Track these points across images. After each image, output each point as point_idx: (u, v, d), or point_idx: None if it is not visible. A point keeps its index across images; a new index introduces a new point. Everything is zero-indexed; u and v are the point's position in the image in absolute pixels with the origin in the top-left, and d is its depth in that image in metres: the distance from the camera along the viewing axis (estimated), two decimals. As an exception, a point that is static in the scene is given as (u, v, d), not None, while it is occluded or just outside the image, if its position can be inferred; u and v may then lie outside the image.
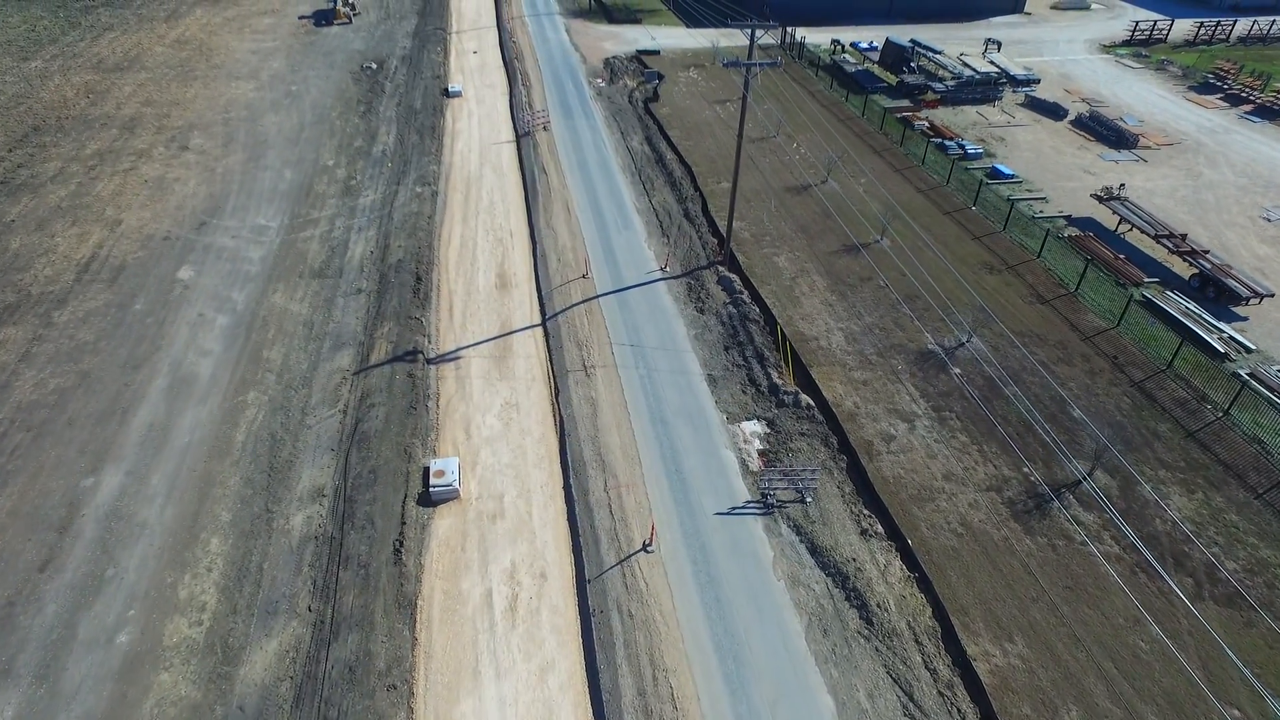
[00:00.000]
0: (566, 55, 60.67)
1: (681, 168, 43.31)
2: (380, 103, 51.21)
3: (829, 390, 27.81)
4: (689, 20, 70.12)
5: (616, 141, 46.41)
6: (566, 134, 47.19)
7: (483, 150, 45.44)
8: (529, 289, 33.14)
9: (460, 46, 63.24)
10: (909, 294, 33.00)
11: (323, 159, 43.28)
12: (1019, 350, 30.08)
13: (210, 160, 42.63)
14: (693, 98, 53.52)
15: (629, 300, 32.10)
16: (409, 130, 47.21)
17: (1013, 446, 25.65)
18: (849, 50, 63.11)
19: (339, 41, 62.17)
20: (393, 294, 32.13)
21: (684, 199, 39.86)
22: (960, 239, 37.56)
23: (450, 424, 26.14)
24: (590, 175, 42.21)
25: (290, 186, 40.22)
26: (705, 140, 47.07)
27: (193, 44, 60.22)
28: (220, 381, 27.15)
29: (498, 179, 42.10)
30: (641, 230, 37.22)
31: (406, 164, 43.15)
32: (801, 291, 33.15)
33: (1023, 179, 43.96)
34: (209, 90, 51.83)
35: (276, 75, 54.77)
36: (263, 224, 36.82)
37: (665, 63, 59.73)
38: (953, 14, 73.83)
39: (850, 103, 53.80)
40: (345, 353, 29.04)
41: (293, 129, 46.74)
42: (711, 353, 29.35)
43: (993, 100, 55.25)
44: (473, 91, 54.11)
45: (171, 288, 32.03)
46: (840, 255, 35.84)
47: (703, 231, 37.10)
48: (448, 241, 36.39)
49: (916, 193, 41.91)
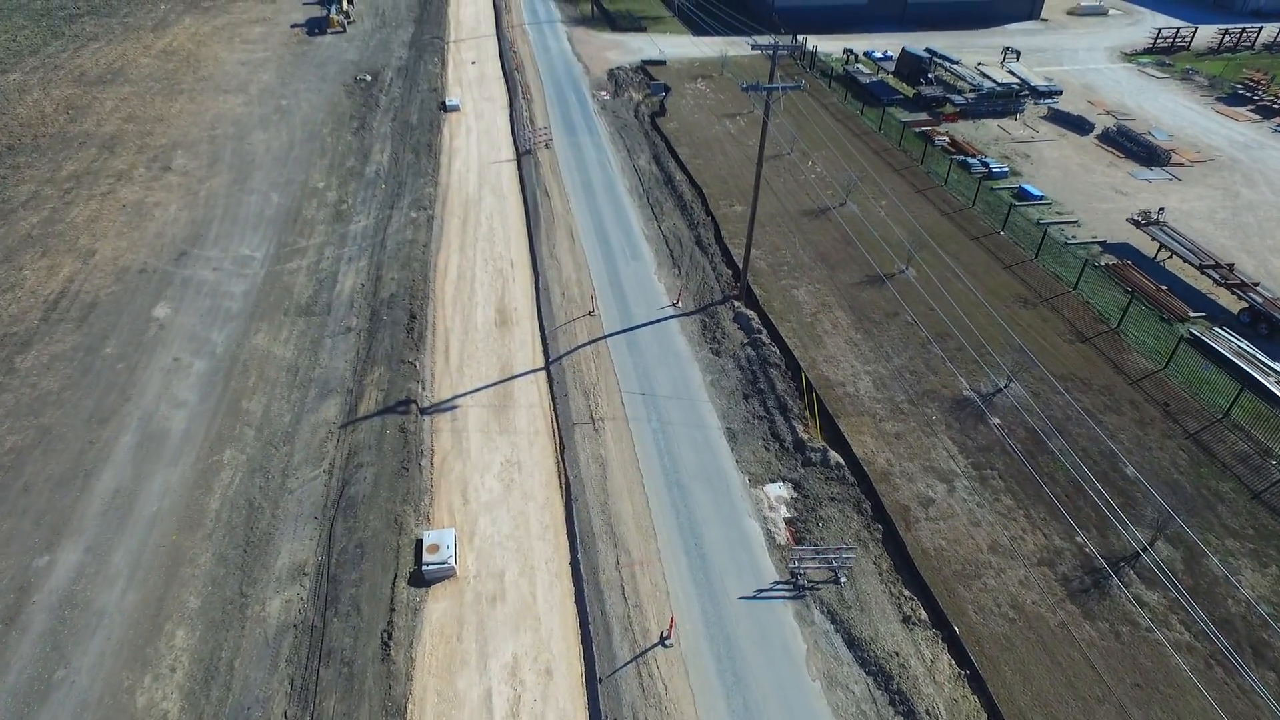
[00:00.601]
0: (569, 66, 58.33)
1: (692, 189, 40.97)
2: (374, 118, 48.88)
3: (859, 445, 25.50)
4: (695, 28, 67.80)
5: (622, 160, 44.07)
6: (570, 152, 44.85)
7: (482, 170, 43.11)
8: (531, 327, 30.82)
9: (458, 56, 60.90)
10: (939, 332, 30.68)
11: (312, 180, 40.94)
12: (1062, 396, 27.77)
13: (193, 182, 40.30)
14: (701, 111, 51.19)
15: (639, 341, 29.77)
16: (404, 148, 44.88)
17: (1063, 511, 23.34)
18: (862, 60, 60.78)
19: (332, 51, 59.83)
20: (384, 333, 29.82)
21: (695, 224, 37.52)
22: (990, 268, 35.23)
23: (446, 486, 23.82)
24: (595, 198, 39.88)
25: (277, 212, 37.89)
26: (716, 158, 44.75)
27: (180, 55, 57.88)
28: (194, 438, 24.83)
29: (497, 202, 39.77)
30: (651, 260, 34.89)
31: (401, 185, 40.82)
32: (824, 329, 30.83)
33: (1052, 200, 41.63)
34: (195, 105, 49.49)
35: (266, 88, 52.43)
36: (247, 254, 34.49)
37: (671, 73, 57.40)
38: (967, 21, 71.48)
39: (866, 116, 51.47)
40: (332, 402, 26.72)
41: (282, 147, 44.40)
42: (730, 402, 27.02)
43: (1014, 113, 52.91)
44: (471, 105, 51.77)
45: (146, 327, 29.70)
46: (864, 287, 33.52)
47: (716, 261, 34.77)
48: (444, 273, 34.08)
49: (941, 216, 39.58)
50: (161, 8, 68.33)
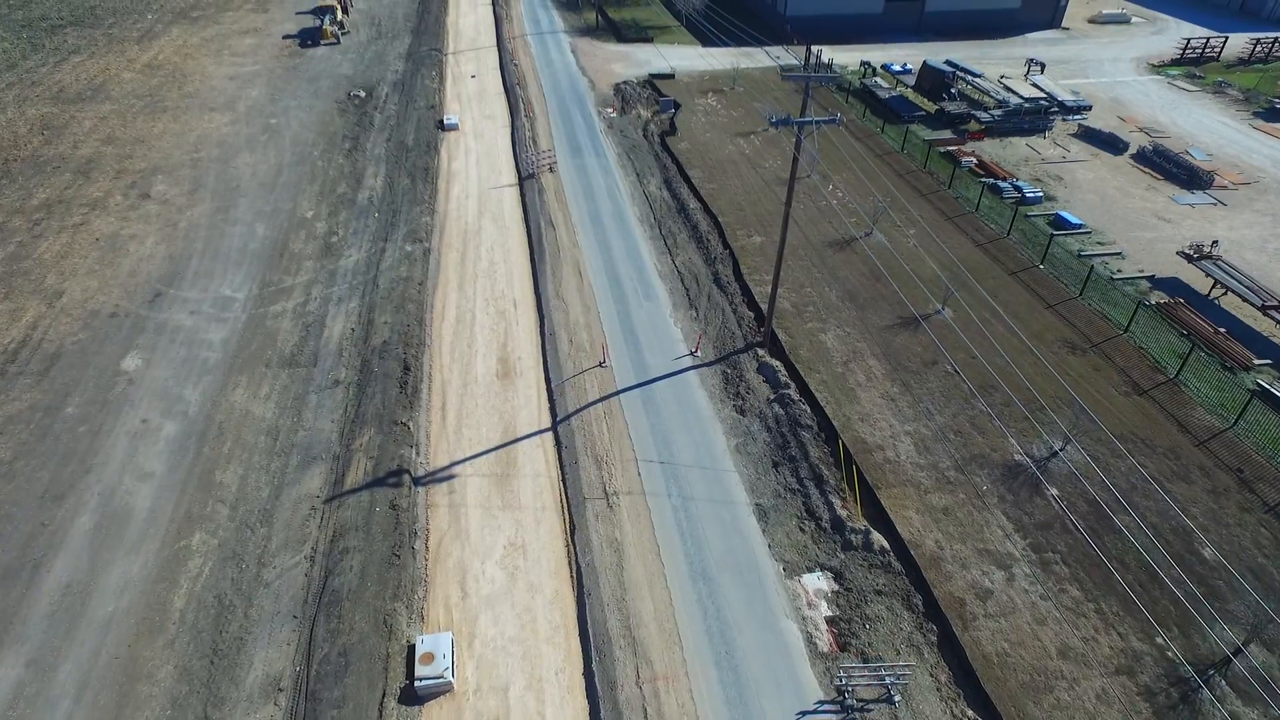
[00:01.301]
0: (573, 80, 55.64)
1: (707, 218, 38.29)
2: (368, 138, 46.21)
3: (904, 523, 22.81)
4: (703, 39, 65.12)
5: (632, 185, 41.38)
6: (575, 176, 42.17)
7: (482, 196, 40.43)
8: (536, 378, 28.14)
9: (457, 70, 58.23)
10: (983, 383, 28.01)
11: (301, 209, 38.26)
12: (1123, 460, 25.09)
13: (173, 212, 37.62)
14: (713, 129, 48.51)
15: (656, 397, 27.08)
16: (399, 172, 42.20)
17: (1138, 604, 20.66)
18: (880, 73, 58.10)
19: (325, 65, 57.16)
20: (376, 387, 27.15)
21: (712, 259, 34.84)
22: (1032, 308, 32.54)
23: (442, 575, 21.15)
24: (604, 229, 37.20)
25: (262, 245, 35.22)
26: (731, 182, 42.06)
27: (165, 69, 55.21)
28: (160, 518, 22.14)
29: (499, 233, 37.10)
30: (666, 301, 32.21)
31: (396, 214, 38.14)
32: (857, 381, 28.14)
33: (1091, 229, 38.93)
34: (179, 124, 46.82)
35: (255, 106, 49.75)
36: (228, 295, 31.82)
37: (680, 87, 54.73)
38: (986, 30, 68.80)
39: (887, 134, 48.78)
40: (316, 471, 24.04)
41: (269, 171, 41.72)
42: (758, 471, 24.32)
43: (1043, 131, 50.22)
44: (471, 123, 49.11)
45: (113, 383, 27.03)
46: (897, 330, 30.83)
47: (736, 302, 32.08)
48: (441, 315, 31.41)
49: (974, 247, 36.90)
50: (149, 18, 65.69)
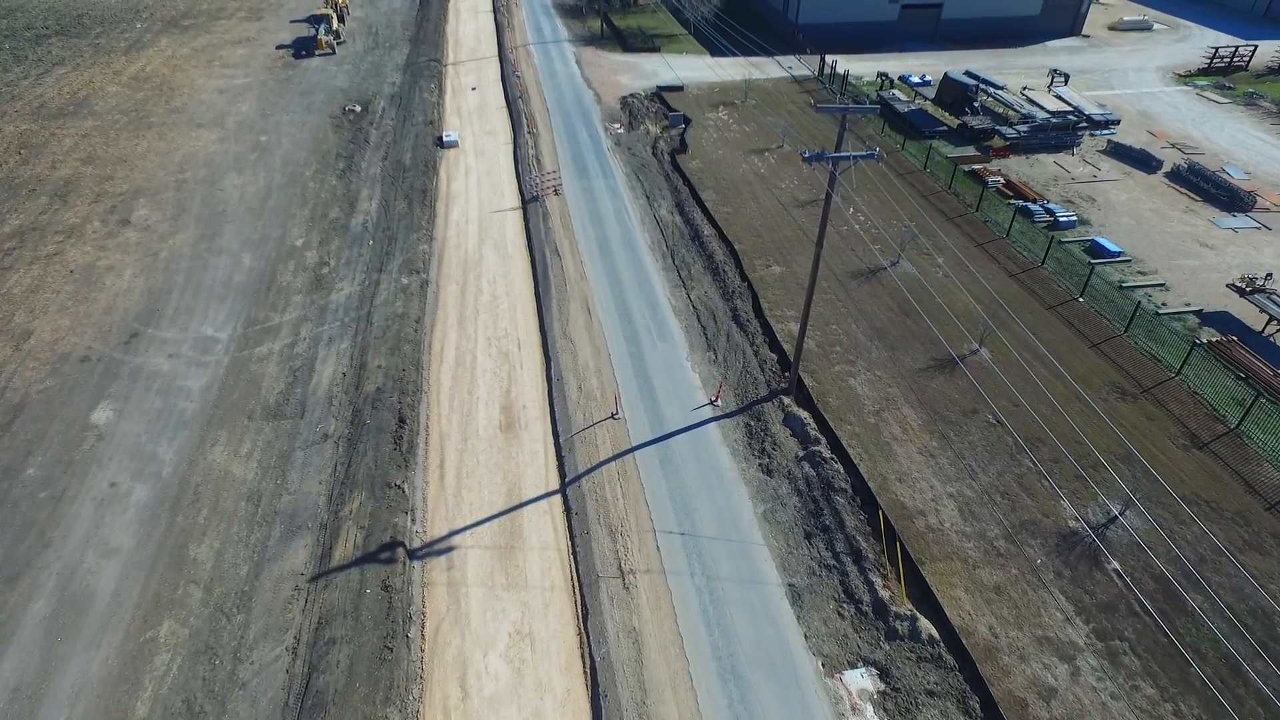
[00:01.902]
0: (578, 93, 53.35)
1: (723, 246, 35.99)
2: (363, 157, 43.92)
3: (953, 606, 20.53)
4: (711, 48, 62.83)
5: (642, 209, 39.09)
6: (582, 199, 39.88)
7: (483, 221, 38.14)
8: (543, 431, 25.85)
9: (457, 82, 55.94)
10: (1030, 435, 25.72)
11: (290, 237, 35.98)
12: (1188, 527, 22.80)
13: (154, 240, 35.34)
14: (725, 146, 46.22)
15: (674, 454, 24.79)
16: (396, 194, 39.92)
17: (1221, 702, 18.38)
18: (898, 85, 55.80)
19: (320, 77, 54.87)
20: (368, 442, 24.86)
21: (730, 292, 32.54)
22: (1074, 347, 30.24)
23: (440, 671, 18.87)
24: (613, 258, 34.90)
25: (248, 278, 32.94)
26: (746, 204, 39.76)
27: (153, 82, 52.92)
28: (125, 604, 19.87)
29: (501, 262, 34.81)
30: (682, 340, 29.91)
31: (391, 242, 35.86)
32: (892, 434, 25.84)
33: (1130, 256, 36.63)
34: (164, 142, 44.54)
35: (245, 122, 47.47)
36: (210, 335, 29.54)
37: (690, 100, 52.45)
38: (1005, 38, 66.50)
39: (908, 151, 46.47)
40: (301, 544, 21.77)
41: (258, 194, 39.44)
42: (789, 543, 22.03)
43: (1070, 147, 47.91)
44: (471, 140, 46.82)
45: (81, 438, 24.75)
46: (932, 373, 28.54)
47: (758, 342, 29.79)
48: (439, 357, 29.13)
49: (1008, 277, 34.61)
50: (138, 27, 63.41)
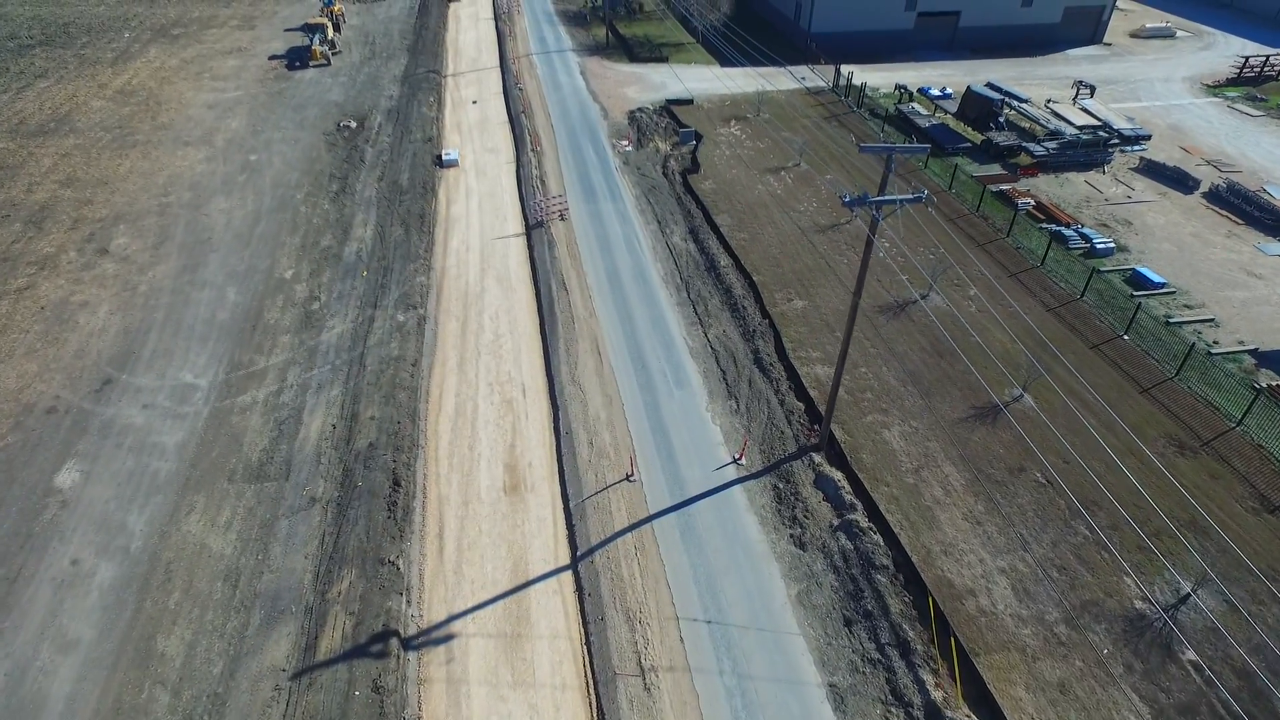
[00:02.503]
0: (584, 107, 51.06)
1: (741, 278, 33.71)
2: (358, 177, 41.65)
3: (1014, 709, 18.25)
4: (721, 58, 60.54)
5: (654, 236, 36.80)
6: (590, 225, 37.60)
7: (485, 249, 35.87)
8: (551, 493, 23.59)
9: (457, 95, 53.66)
10: (1085, 498, 23.45)
11: (279, 268, 33.71)
12: (1268, 609, 20.54)
13: (133, 272, 33.09)
14: (739, 164, 43.95)
15: (696, 524, 22.52)
16: (392, 219, 37.65)
17: (1327, 832, 16.11)
18: (917, 98, 53.51)
19: (314, 90, 52.60)
20: (359, 508, 22.62)
21: (751, 331, 30.26)
22: (1123, 392, 27.97)
23: (437, 792, 16.62)
24: (625, 292, 32.62)
25: (233, 315, 30.68)
26: (763, 229, 37.49)
27: (139, 95, 50.66)
28: (80, 713, 17.59)
29: (504, 296, 32.54)
30: (700, 388, 27.62)
31: (387, 273, 33.60)
32: (933, 496, 23.58)
33: (1174, 288, 34.35)
34: (148, 162, 42.27)
35: (234, 139, 45.20)
36: (189, 382, 27.28)
37: (701, 115, 50.18)
38: (1024, 47, 64.19)
39: (930, 169, 44.20)
40: (283, 632, 19.50)
41: (245, 220, 37.17)
42: (828, 633, 19.76)
43: (1101, 165, 45.63)
44: (472, 158, 44.56)
45: (43, 505, 22.50)
46: (972, 424, 26.27)
47: (783, 389, 27.51)
48: (438, 405, 26.87)
49: (1046, 312, 32.34)
50: (125, 37, 61.14)
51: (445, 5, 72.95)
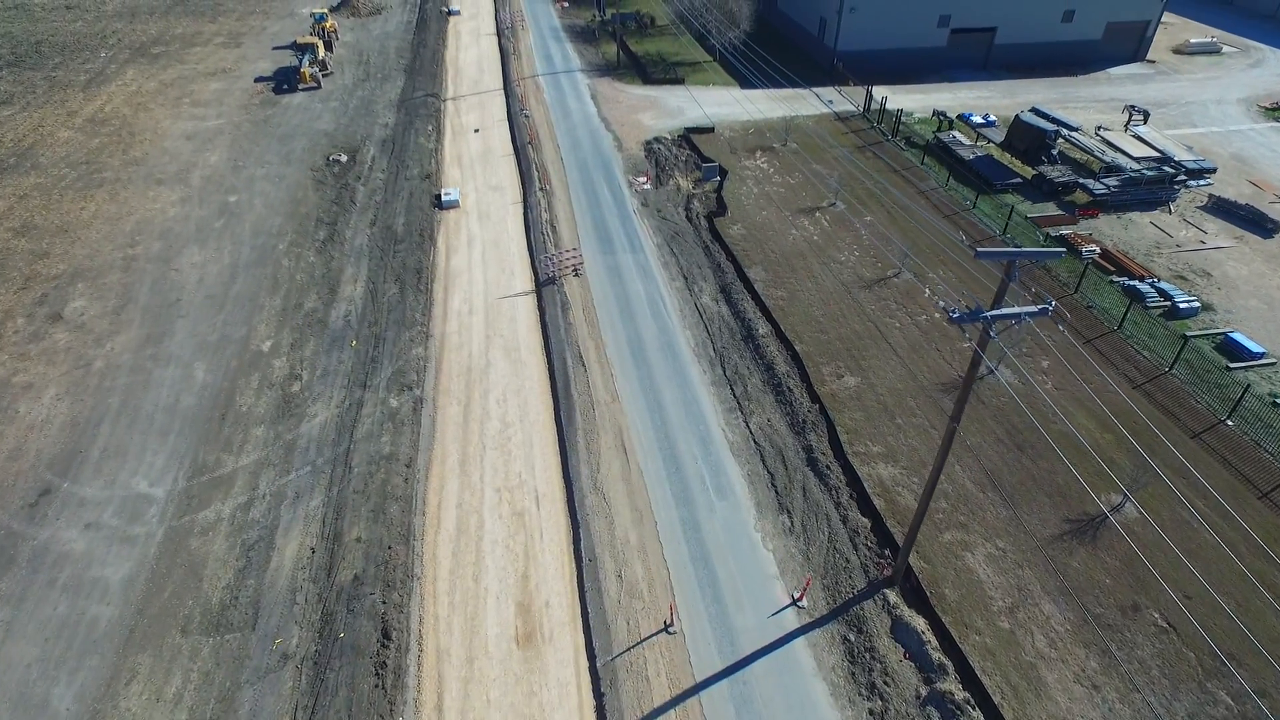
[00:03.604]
0: (596, 137, 46.92)
1: (782, 349, 29.57)
2: (348, 222, 37.52)
3: None
4: (741, 79, 56.37)
5: (680, 295, 32.66)
6: (607, 281, 33.45)
7: (490, 310, 31.74)
8: (573, 648, 19.45)
9: (457, 121, 49.52)
10: (1221, 647, 19.34)
11: (256, 337, 29.59)
12: None
13: (88, 344, 28.96)
14: (768, 204, 39.82)
15: (754, 694, 18.36)
16: (385, 274, 33.52)
17: None
18: (958, 125, 49.36)
19: (302, 117, 48.46)
20: (340, 671, 18.49)
21: (799, 420, 26.10)
22: (1238, 496, 23.84)
23: None
24: (651, 369, 28.46)
25: (199, 400, 26.55)
26: (802, 284, 33.38)
27: (112, 124, 46.53)
28: None
29: (513, 372, 28.41)
30: (745, 497, 23.47)
31: (379, 342, 29.48)
32: (1035, 649, 19.46)
33: (1274, 357, 30.22)
34: (115, 204, 38.14)
35: (212, 177, 41.06)
36: (143, 492, 23.15)
37: (723, 144, 46.07)
38: (1063, 65, 60.04)
39: (980, 210, 40.05)
40: None
41: (220, 276, 33.05)
42: None
43: (1166, 202, 41.50)
44: (474, 198, 40.42)
45: (-48, 671, 18.37)
46: (1069, 542, 22.16)
47: (842, 498, 23.37)
48: (436, 521, 22.74)
49: (1132, 389, 28.23)
50: (102, 56, 56.98)
51: (445, 20, 68.84)
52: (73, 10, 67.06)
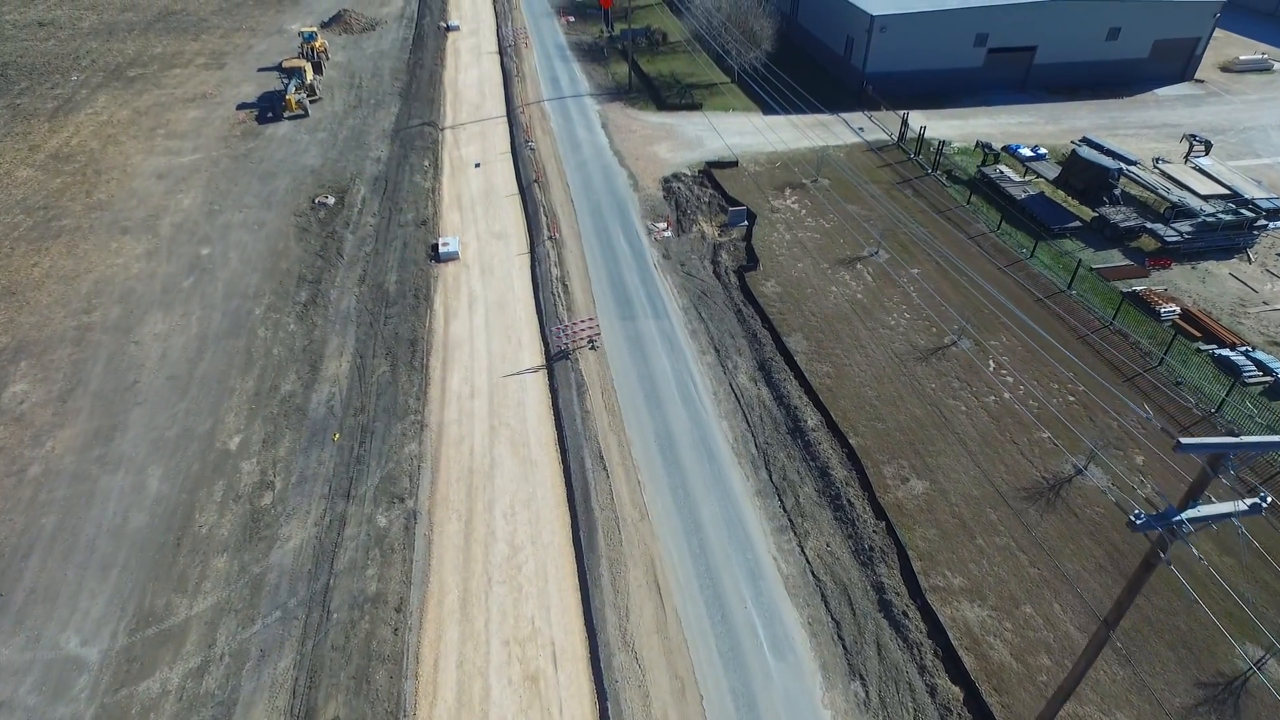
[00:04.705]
0: (609, 174, 42.76)
1: (836, 445, 25.40)
2: (334, 279, 33.40)
3: None
4: (762, 103, 52.18)
5: (714, 374, 28.50)
6: (629, 355, 29.31)
7: (494, 392, 27.61)
8: None
9: (457, 154, 45.39)
10: None
11: (223, 432, 25.46)
12: None
13: (25, 442, 24.83)
14: (803, 253, 35.70)
15: None
16: (374, 345, 29.40)
17: None
18: (1004, 158, 45.20)
19: (286, 151, 44.31)
20: None
21: (863, 545, 21.96)
22: (1401, 645, 19.71)
23: None
24: (684, 474, 24.29)
25: (151, 519, 22.41)
26: (849, 358, 29.25)
27: (77, 160, 42.40)
28: None
29: (522, 474, 24.27)
30: (808, 656, 19.32)
31: (366, 436, 25.36)
32: None
33: (1403, 448, 26.02)
34: (73, 259, 34.03)
35: (184, 224, 36.93)
36: (73, 654, 19.02)
37: (748, 180, 41.95)
38: (1107, 86, 55.87)
39: (1039, 259, 35.89)
40: None
41: (186, 350, 28.93)
42: None
43: (1244, 249, 37.36)
44: (475, 248, 36.30)
45: None
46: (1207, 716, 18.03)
47: (924, 655, 19.22)
48: (431, 689, 18.60)
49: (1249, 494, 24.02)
50: (73, 80, 52.83)
51: (443, 36, 64.69)
52: (46, 27, 62.91)
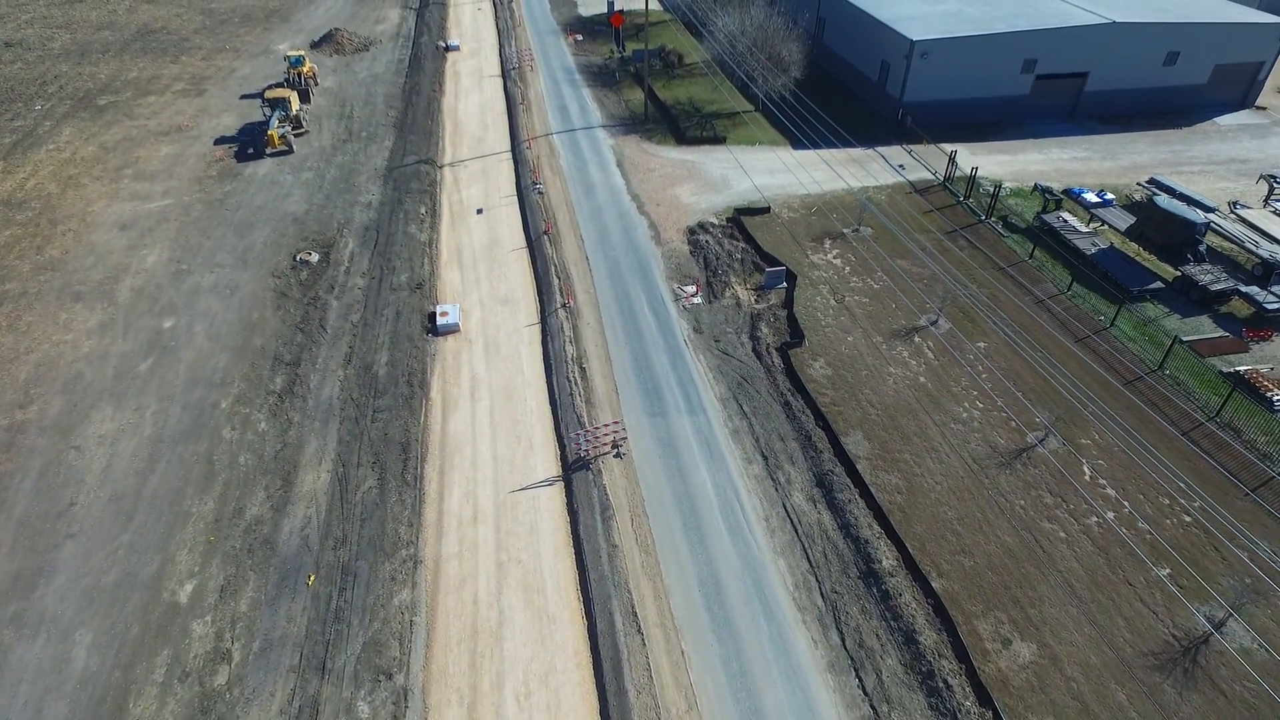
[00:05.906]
0: (627, 223, 38.23)
1: (917, 593, 20.90)
2: (315, 360, 28.88)
3: None
4: (791, 136, 47.70)
5: (763, 491, 23.94)
6: (661, 467, 24.74)
7: (501, 514, 23.07)
8: None
9: (456, 198, 40.88)
10: None
11: (172, 576, 20.91)
12: None
13: (-69, 593, 20.30)
14: (852, 324, 31.24)
15: None
16: (360, 450, 24.88)
17: None
18: (1067, 203, 40.68)
19: (267, 195, 39.78)
20: None
21: (970, 747, 17.49)
22: None
23: None
24: (738, 641, 19.71)
25: (72, 713, 17.87)
26: (920, 464, 24.77)
27: (31, 207, 37.85)
28: None
29: (537, 637, 19.70)
30: None
31: (348, 582, 20.83)
32: None
33: None
34: (14, 335, 29.49)
35: (145, 288, 32.41)
36: None
37: (782, 229, 37.49)
38: (1161, 114, 51.45)
39: (1120, 329, 31.43)
40: None
41: (135, 460, 24.39)
42: None
43: (1349, 316, 32.88)
44: (478, 316, 31.80)
45: None
46: None
47: None
48: None
49: None
50: (37, 110, 48.28)
51: (442, 57, 60.19)
52: (13, 48, 58.36)
